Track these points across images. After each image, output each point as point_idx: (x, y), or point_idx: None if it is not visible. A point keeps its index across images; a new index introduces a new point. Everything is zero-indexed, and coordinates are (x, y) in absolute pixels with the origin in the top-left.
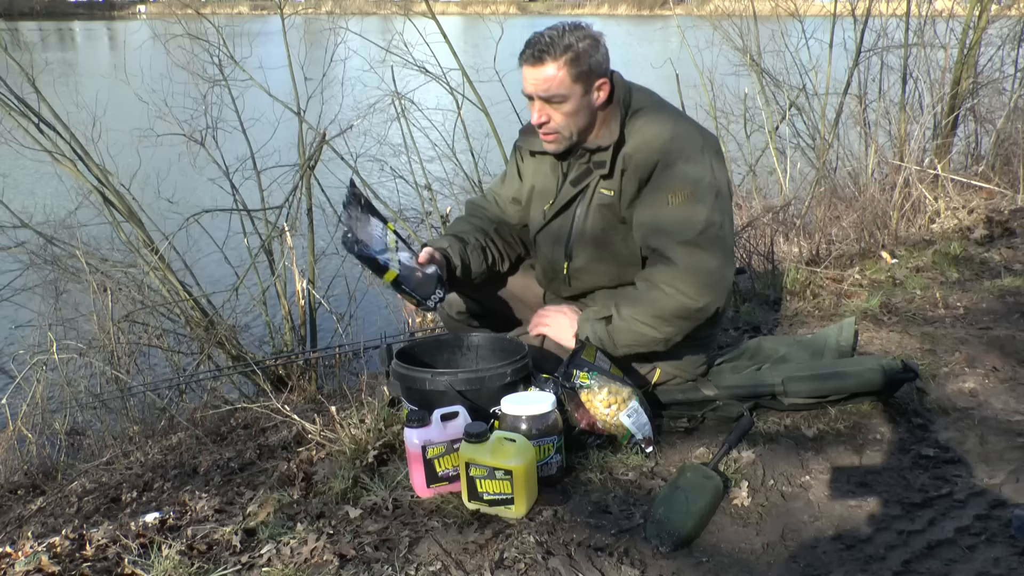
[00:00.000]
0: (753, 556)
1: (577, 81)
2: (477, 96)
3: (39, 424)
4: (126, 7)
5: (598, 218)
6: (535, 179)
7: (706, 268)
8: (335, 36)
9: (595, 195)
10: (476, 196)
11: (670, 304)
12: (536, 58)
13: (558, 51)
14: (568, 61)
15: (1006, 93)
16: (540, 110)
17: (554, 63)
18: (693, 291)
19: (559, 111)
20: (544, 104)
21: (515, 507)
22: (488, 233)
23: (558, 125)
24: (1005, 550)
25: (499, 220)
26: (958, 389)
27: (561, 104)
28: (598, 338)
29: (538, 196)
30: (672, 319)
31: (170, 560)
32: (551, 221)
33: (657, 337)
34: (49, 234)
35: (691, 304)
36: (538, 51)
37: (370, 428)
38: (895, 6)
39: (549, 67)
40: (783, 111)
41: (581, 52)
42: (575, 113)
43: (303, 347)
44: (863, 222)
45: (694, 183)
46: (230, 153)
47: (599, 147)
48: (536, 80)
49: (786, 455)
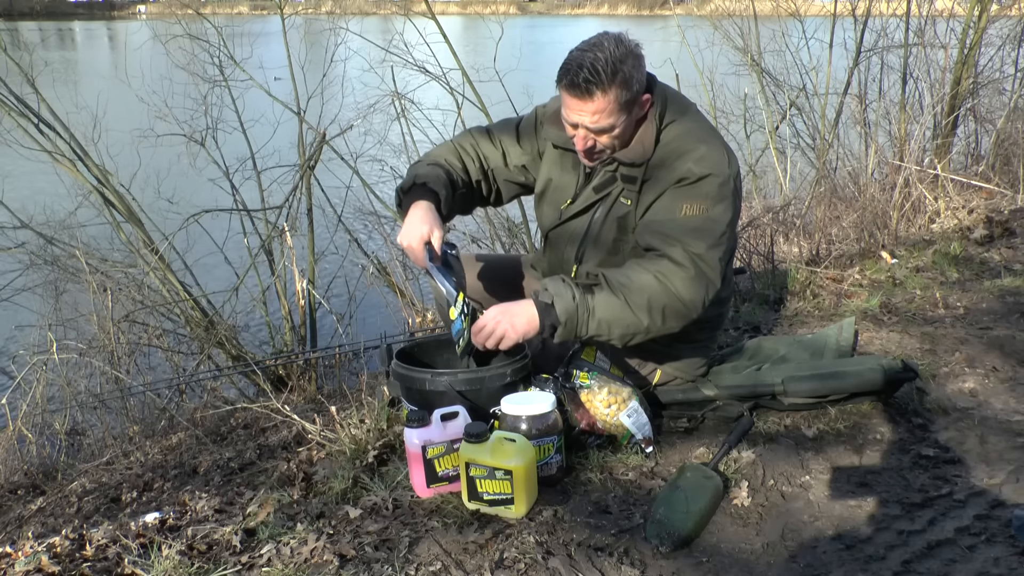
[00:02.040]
0: (753, 556)
1: (624, 109)
2: (477, 96)
3: (39, 424)
4: (126, 7)
5: (613, 226)
6: (552, 172)
7: (699, 271)
8: (335, 36)
9: (615, 204)
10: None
11: (658, 293)
12: (583, 90)
13: (606, 81)
14: (617, 91)
15: (1006, 93)
16: (586, 138)
17: (603, 96)
18: (681, 287)
19: (606, 136)
20: (589, 132)
21: (515, 507)
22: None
23: (604, 146)
24: (1005, 550)
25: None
26: (958, 389)
27: (610, 132)
28: (569, 307)
29: (555, 190)
30: (655, 309)
31: (170, 560)
32: (568, 221)
33: (636, 323)
34: (49, 234)
35: (677, 302)
36: (584, 82)
37: (370, 428)
38: (895, 6)
39: (598, 100)
40: (783, 111)
41: (628, 77)
42: (621, 135)
43: (303, 347)
44: (863, 222)
45: (712, 203)
46: (230, 153)
47: (632, 163)
48: (583, 112)
49: (786, 455)
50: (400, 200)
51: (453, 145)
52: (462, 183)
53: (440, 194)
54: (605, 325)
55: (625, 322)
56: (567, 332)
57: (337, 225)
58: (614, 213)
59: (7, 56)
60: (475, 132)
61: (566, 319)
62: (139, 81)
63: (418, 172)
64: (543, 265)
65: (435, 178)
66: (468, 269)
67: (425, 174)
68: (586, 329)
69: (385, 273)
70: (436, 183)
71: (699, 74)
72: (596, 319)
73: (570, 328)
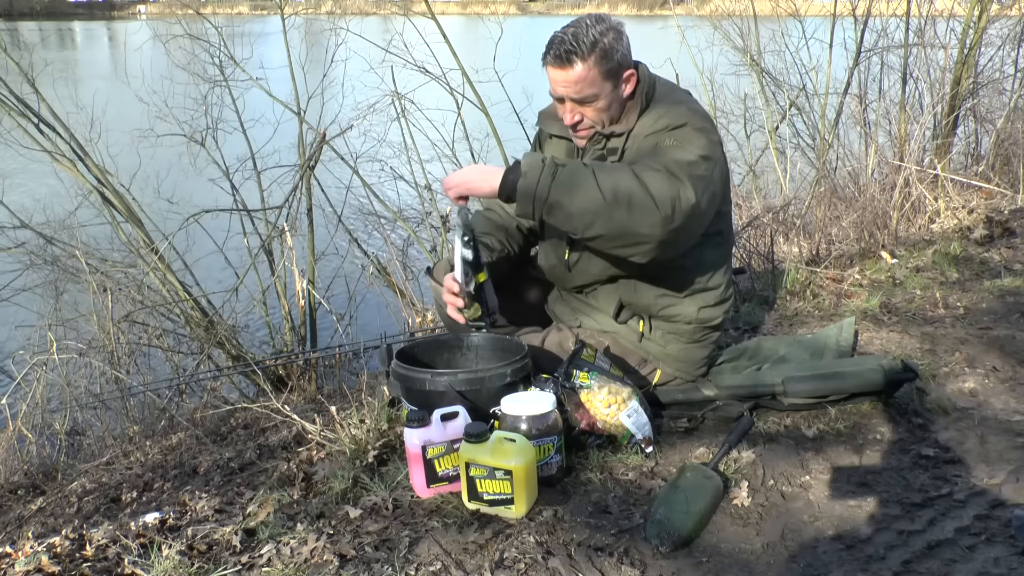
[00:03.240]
0: (753, 556)
1: (607, 78)
2: (477, 96)
3: (39, 424)
4: (126, 7)
5: None
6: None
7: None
8: (335, 36)
9: None
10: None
11: (630, 188)
12: (564, 60)
13: (585, 50)
14: (597, 60)
15: (1006, 93)
16: (572, 111)
17: (583, 63)
18: (658, 193)
19: (591, 108)
20: (575, 104)
21: (515, 507)
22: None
23: (592, 121)
24: (1005, 550)
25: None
26: (958, 389)
27: (594, 102)
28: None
29: None
30: (622, 199)
31: (170, 560)
32: None
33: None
34: (49, 234)
35: (648, 202)
36: (565, 52)
37: (370, 428)
38: (895, 6)
39: (578, 68)
40: (783, 111)
41: (608, 48)
42: (607, 108)
43: (303, 347)
44: (863, 222)
45: (693, 136)
46: (230, 153)
47: (613, 133)
48: (566, 82)
49: (786, 455)
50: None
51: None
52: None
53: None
54: (566, 191)
55: (588, 196)
56: (527, 184)
57: (337, 225)
58: None
59: (7, 56)
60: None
61: (527, 170)
62: (139, 81)
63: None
64: (539, 254)
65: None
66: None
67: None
68: (547, 191)
69: (385, 273)
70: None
71: (699, 74)
72: (559, 181)
73: (530, 180)
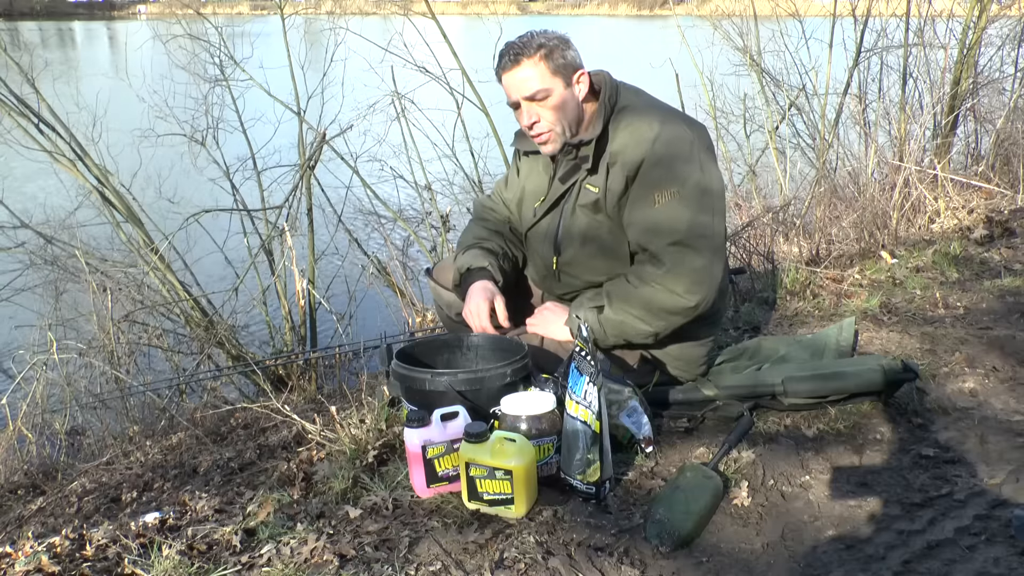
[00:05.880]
0: (753, 556)
1: (556, 74)
2: (477, 96)
3: (39, 424)
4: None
5: (583, 214)
6: (528, 180)
7: (693, 267)
8: (335, 36)
9: (582, 192)
10: (482, 197)
11: (660, 300)
12: (512, 60)
13: (531, 50)
14: (543, 56)
15: (1006, 93)
16: (527, 112)
17: (530, 60)
18: (682, 289)
19: (545, 107)
20: (530, 104)
21: (515, 507)
22: (504, 235)
23: (549, 122)
24: (1005, 550)
25: (507, 220)
26: (958, 389)
27: (546, 99)
28: (589, 325)
29: (530, 195)
30: (662, 314)
31: (170, 560)
32: (542, 219)
33: (647, 331)
34: (49, 234)
35: (681, 302)
36: (513, 54)
37: (370, 428)
38: (895, 6)
39: (526, 65)
40: (783, 111)
41: (554, 47)
42: (562, 107)
43: (303, 347)
44: (863, 222)
45: (681, 182)
46: (230, 153)
47: (581, 142)
48: (517, 81)
49: (786, 455)
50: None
51: (482, 230)
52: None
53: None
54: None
55: (632, 329)
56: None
57: (337, 225)
58: (582, 200)
59: (7, 56)
60: (484, 204)
61: (573, 327)
62: (139, 81)
63: (459, 264)
64: (528, 263)
65: (477, 257)
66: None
67: (466, 262)
68: (604, 338)
69: (385, 273)
70: (479, 260)
71: (699, 74)
72: (610, 338)
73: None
